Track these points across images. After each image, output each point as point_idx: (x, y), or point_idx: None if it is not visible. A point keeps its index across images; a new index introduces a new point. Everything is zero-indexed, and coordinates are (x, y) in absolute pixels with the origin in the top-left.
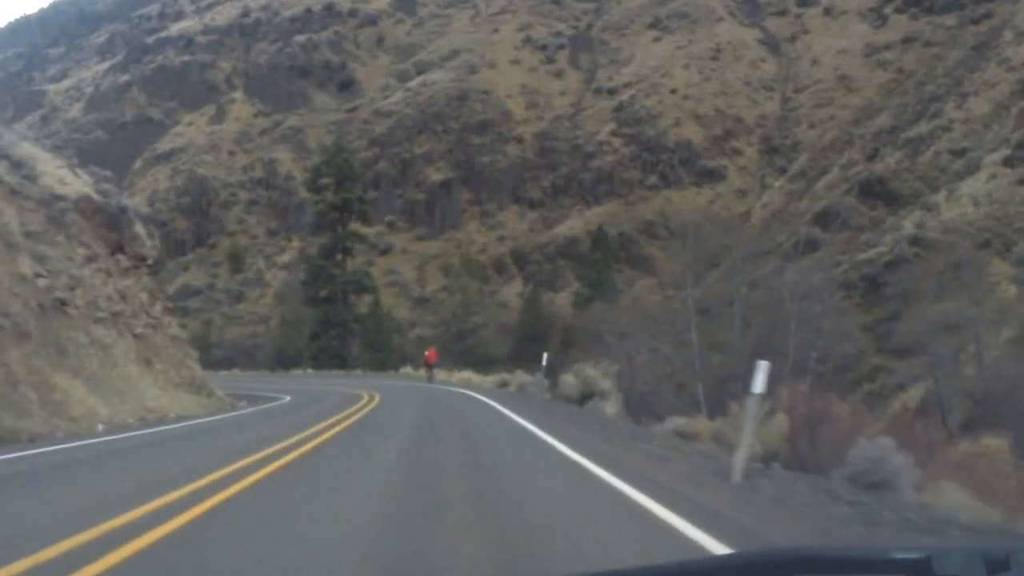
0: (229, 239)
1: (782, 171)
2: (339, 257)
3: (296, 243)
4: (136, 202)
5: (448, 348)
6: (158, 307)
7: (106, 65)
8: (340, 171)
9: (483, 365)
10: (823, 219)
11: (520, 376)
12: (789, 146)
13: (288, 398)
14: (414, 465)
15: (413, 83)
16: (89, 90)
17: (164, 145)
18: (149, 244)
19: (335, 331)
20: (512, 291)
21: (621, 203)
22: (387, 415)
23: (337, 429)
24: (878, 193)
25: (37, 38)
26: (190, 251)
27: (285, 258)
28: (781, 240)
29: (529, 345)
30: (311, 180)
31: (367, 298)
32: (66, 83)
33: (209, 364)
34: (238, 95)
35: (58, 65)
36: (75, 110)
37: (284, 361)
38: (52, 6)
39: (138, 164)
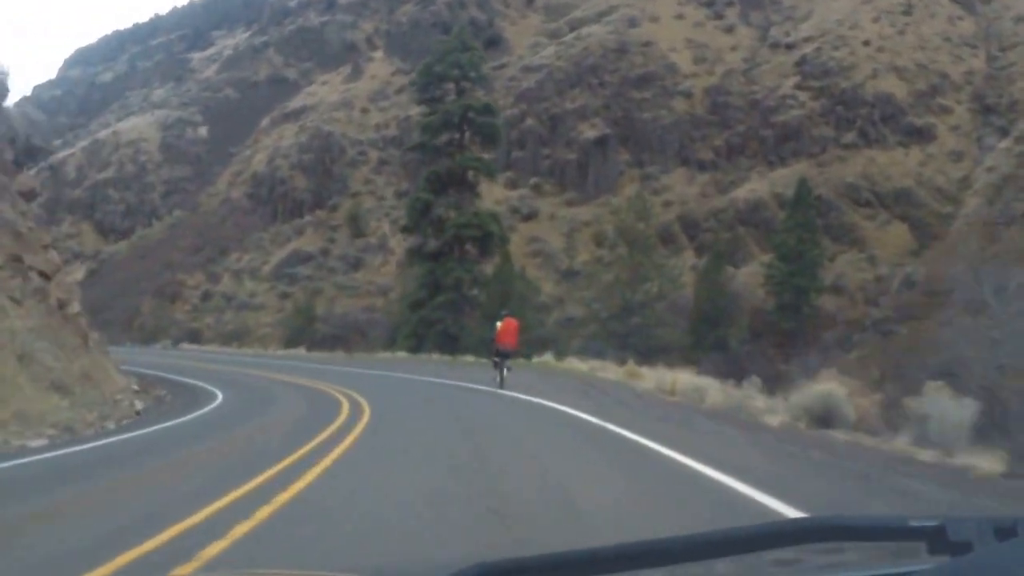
0: (352, 200)
1: (1003, 132)
2: (453, 194)
3: (418, 238)
4: None
5: (607, 331)
6: None
7: (248, 33)
8: (462, 71)
9: (652, 354)
10: None
11: (707, 382)
12: (1006, 105)
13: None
14: None
15: (567, 37)
16: (228, 53)
17: (295, 103)
18: None
19: (444, 298)
20: (682, 264)
21: (812, 163)
22: None
23: None
24: None
25: (201, 22)
26: (307, 212)
27: None
28: None
29: (707, 330)
30: (421, 83)
31: (493, 255)
32: (210, 51)
33: (314, 343)
34: (378, 54)
35: (216, 46)
36: (210, 71)
37: (395, 341)
38: None
39: (265, 122)
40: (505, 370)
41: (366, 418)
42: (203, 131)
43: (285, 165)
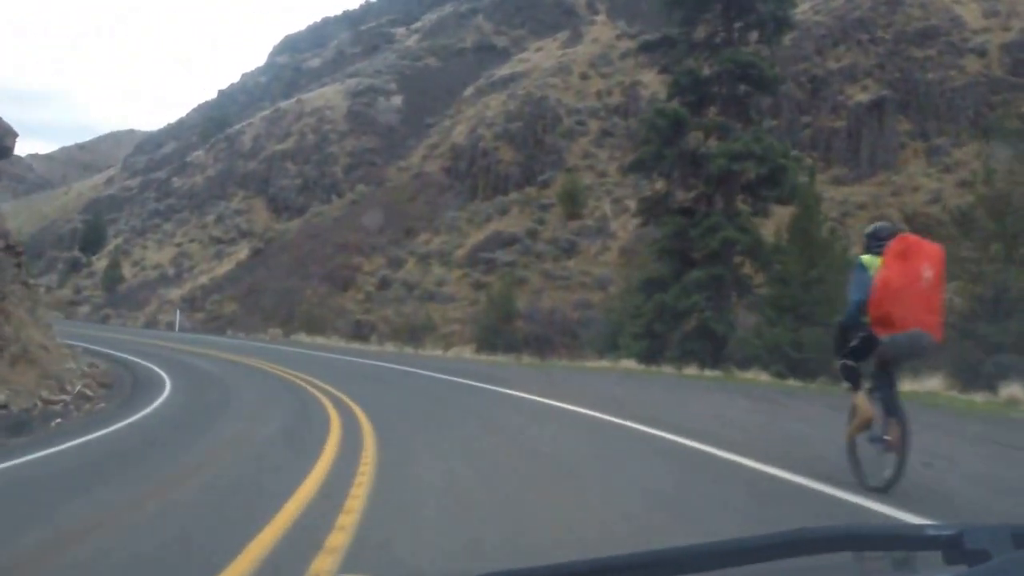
0: (567, 176)
1: None
2: (717, 113)
3: (659, 184)
4: None
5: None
6: None
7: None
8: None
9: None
10: None
11: None
12: None
13: None
14: None
15: None
16: (429, 20)
17: (503, 71)
18: None
19: (701, 275)
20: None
21: None
22: None
23: None
24: None
25: (413, 5)
26: (513, 189)
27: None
28: None
29: None
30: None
31: (784, 204)
32: (416, 24)
33: (505, 345)
34: (599, 18)
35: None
36: (411, 40)
37: (616, 346)
38: None
39: (469, 91)
40: (892, 426)
41: None
42: (397, 100)
43: (489, 135)
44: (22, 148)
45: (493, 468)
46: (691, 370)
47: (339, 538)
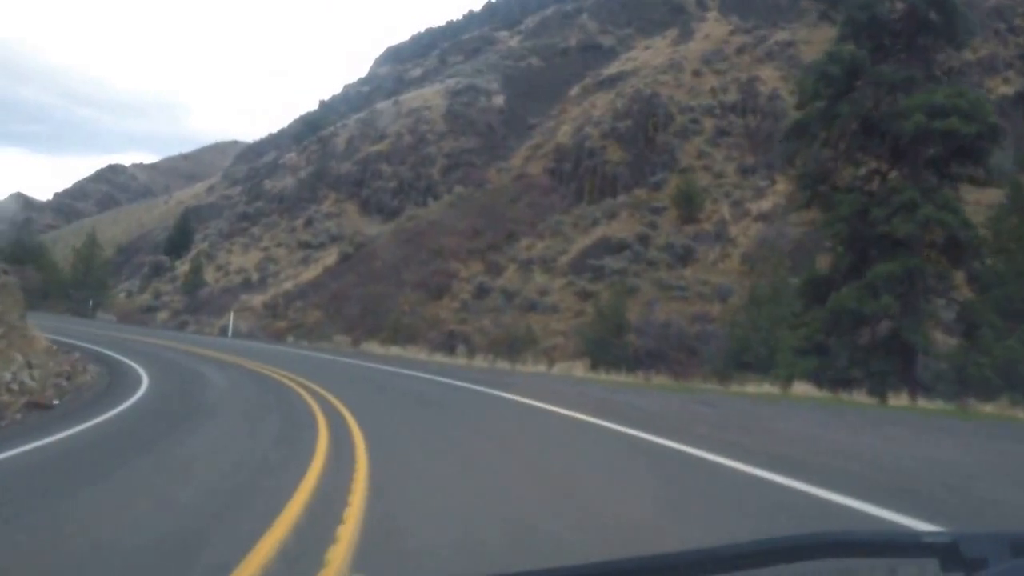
0: (681, 177)
1: None
2: (905, 60)
3: (781, 186)
4: None
5: None
6: None
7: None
8: None
9: None
10: None
11: None
12: None
13: None
14: None
15: None
16: (532, 22)
17: (611, 70)
18: None
19: (890, 268)
20: None
21: None
22: None
23: None
24: None
25: (516, 12)
26: (622, 191)
27: (764, 205)
28: None
29: None
30: None
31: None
32: (519, 27)
33: (621, 360)
34: (711, 15)
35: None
36: (513, 41)
37: (744, 364)
38: None
39: (575, 91)
40: None
41: None
42: (499, 100)
43: (596, 134)
44: (126, 158)
45: None
46: (901, 400)
47: None
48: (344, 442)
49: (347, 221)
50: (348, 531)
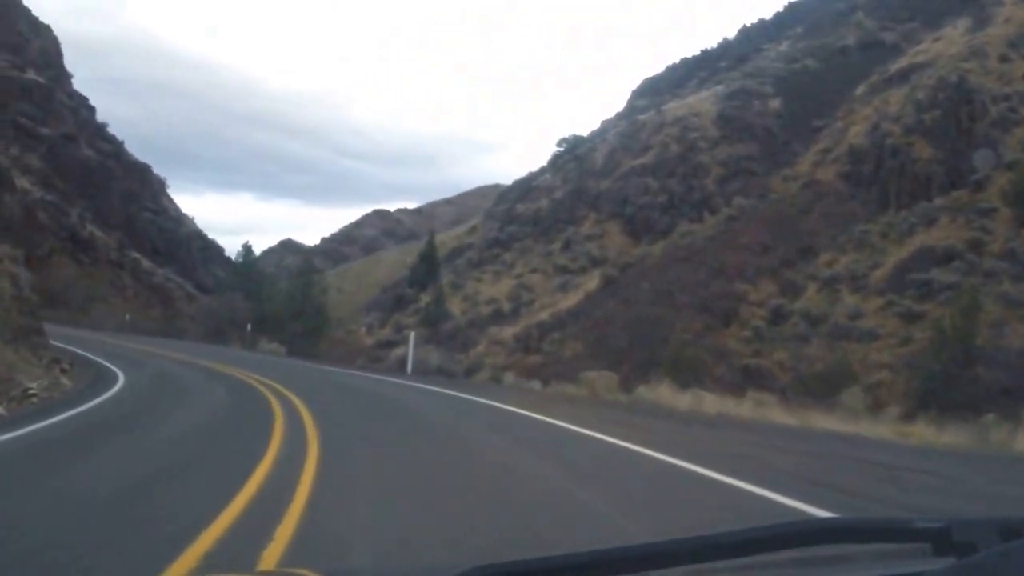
0: (1009, 173)
1: None
2: None
3: None
4: None
5: None
6: None
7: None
8: None
9: None
10: None
11: None
12: None
13: None
14: None
15: None
16: (800, 27)
17: (899, 64)
18: None
19: None
20: None
21: None
22: None
23: None
24: None
25: (772, 36)
26: (937, 193)
27: None
28: None
29: None
30: None
31: None
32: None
33: (959, 400)
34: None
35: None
36: (784, 45)
37: None
38: None
39: (861, 89)
40: None
41: None
42: (775, 103)
43: (898, 130)
44: (392, 203)
45: None
46: None
47: None
48: None
49: (610, 241)
50: None
